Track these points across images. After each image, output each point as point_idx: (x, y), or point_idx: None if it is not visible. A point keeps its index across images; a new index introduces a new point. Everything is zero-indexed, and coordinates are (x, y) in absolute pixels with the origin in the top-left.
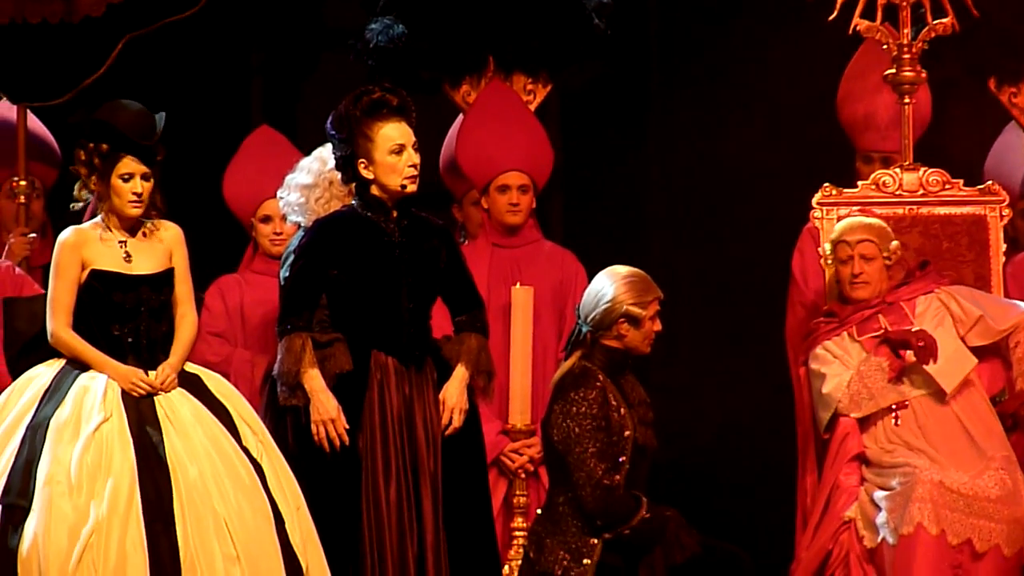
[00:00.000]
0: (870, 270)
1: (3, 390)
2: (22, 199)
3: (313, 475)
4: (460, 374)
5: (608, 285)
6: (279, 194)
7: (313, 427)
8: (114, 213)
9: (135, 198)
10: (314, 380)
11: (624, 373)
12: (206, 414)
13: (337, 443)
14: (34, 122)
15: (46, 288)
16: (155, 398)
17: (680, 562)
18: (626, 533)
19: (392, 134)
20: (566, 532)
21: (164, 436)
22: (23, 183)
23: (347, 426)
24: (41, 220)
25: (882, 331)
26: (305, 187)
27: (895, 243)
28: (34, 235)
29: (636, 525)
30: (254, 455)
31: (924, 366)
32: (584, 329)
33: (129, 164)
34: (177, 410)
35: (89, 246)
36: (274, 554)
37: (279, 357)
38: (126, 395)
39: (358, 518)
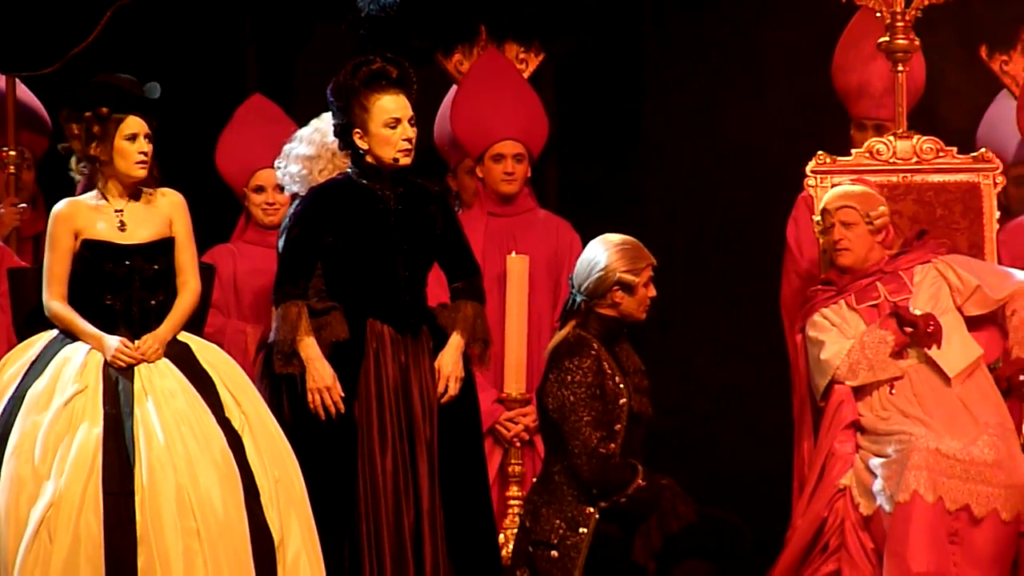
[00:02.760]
0: (852, 236)
1: None
2: (12, 169)
3: (309, 444)
4: (455, 342)
5: (601, 253)
6: (276, 164)
7: (309, 395)
8: (117, 179)
9: (142, 158)
10: (310, 348)
11: (619, 341)
12: (187, 386)
13: (333, 411)
14: (24, 92)
15: (39, 260)
16: (136, 369)
17: (676, 531)
18: (622, 502)
19: (388, 107)
20: (562, 501)
21: (136, 406)
22: (12, 153)
23: (343, 394)
24: (32, 191)
25: (881, 299)
26: (307, 158)
27: (880, 208)
28: (24, 205)
29: (632, 493)
30: (235, 427)
31: (927, 351)
32: (578, 298)
33: (133, 124)
34: (156, 381)
35: (82, 216)
36: (239, 527)
37: (275, 325)
38: (107, 366)
39: (354, 487)
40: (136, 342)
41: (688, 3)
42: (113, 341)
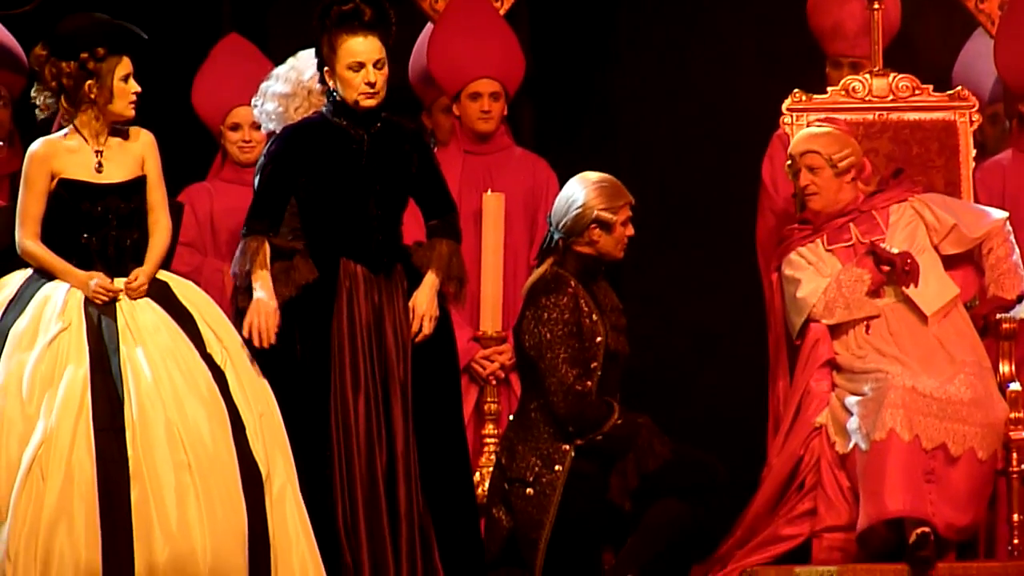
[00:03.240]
0: (819, 181)
1: None
2: None
3: (281, 383)
4: (430, 281)
5: (579, 191)
6: (253, 102)
7: (245, 322)
8: (103, 118)
9: (134, 98)
10: (261, 280)
11: (597, 279)
12: (169, 322)
13: (265, 343)
14: None
15: (14, 198)
16: (117, 305)
17: (652, 469)
18: (598, 439)
19: (355, 49)
20: (538, 439)
21: (122, 343)
22: None
23: (276, 330)
24: (7, 128)
25: (854, 241)
26: (283, 96)
27: (845, 151)
28: (1, 143)
29: (608, 431)
30: (217, 362)
31: (904, 289)
32: (556, 236)
33: (127, 64)
34: (138, 318)
35: (59, 157)
36: (229, 461)
37: (234, 258)
38: (88, 304)
39: (327, 427)
40: (118, 280)
41: None
42: (88, 276)
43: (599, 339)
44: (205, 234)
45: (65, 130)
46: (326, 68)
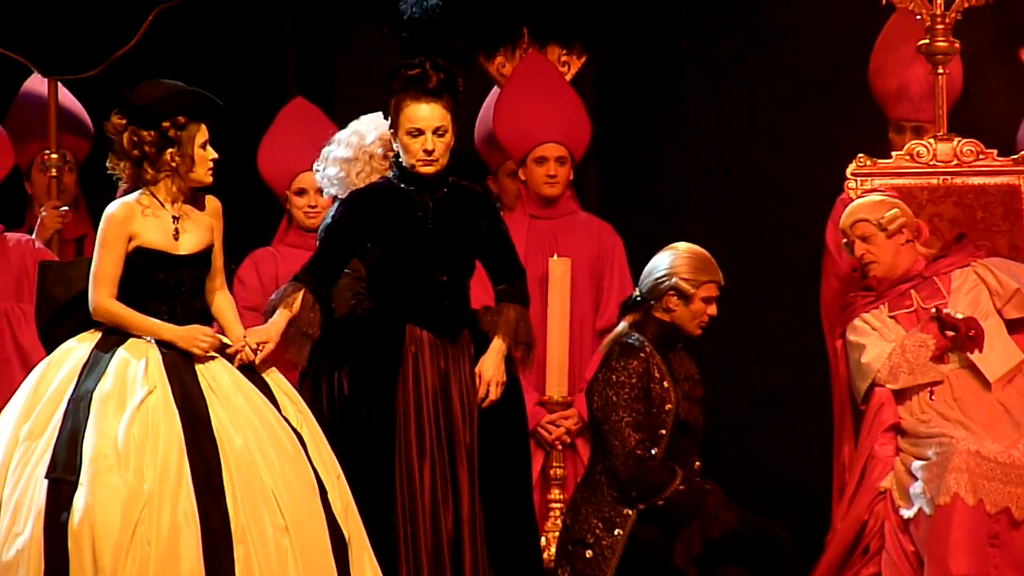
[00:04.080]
0: (873, 248)
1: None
2: (54, 172)
3: (347, 448)
4: (497, 346)
5: (667, 257)
6: (315, 167)
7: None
8: (182, 185)
9: (212, 164)
10: (279, 314)
11: (674, 348)
12: (246, 384)
13: (245, 355)
14: (65, 95)
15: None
16: (197, 368)
17: (717, 536)
18: (660, 504)
19: (416, 115)
20: (601, 501)
21: (209, 406)
22: (55, 156)
23: (265, 354)
24: (73, 193)
25: (915, 307)
26: (344, 161)
27: (891, 212)
28: (66, 208)
29: (670, 496)
30: (294, 424)
31: (968, 355)
32: (638, 296)
33: (205, 131)
34: (219, 379)
35: (137, 221)
36: (320, 523)
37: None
38: (169, 366)
39: (391, 493)
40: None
41: (725, 5)
42: (188, 330)
43: (668, 407)
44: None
45: (137, 193)
46: (392, 131)
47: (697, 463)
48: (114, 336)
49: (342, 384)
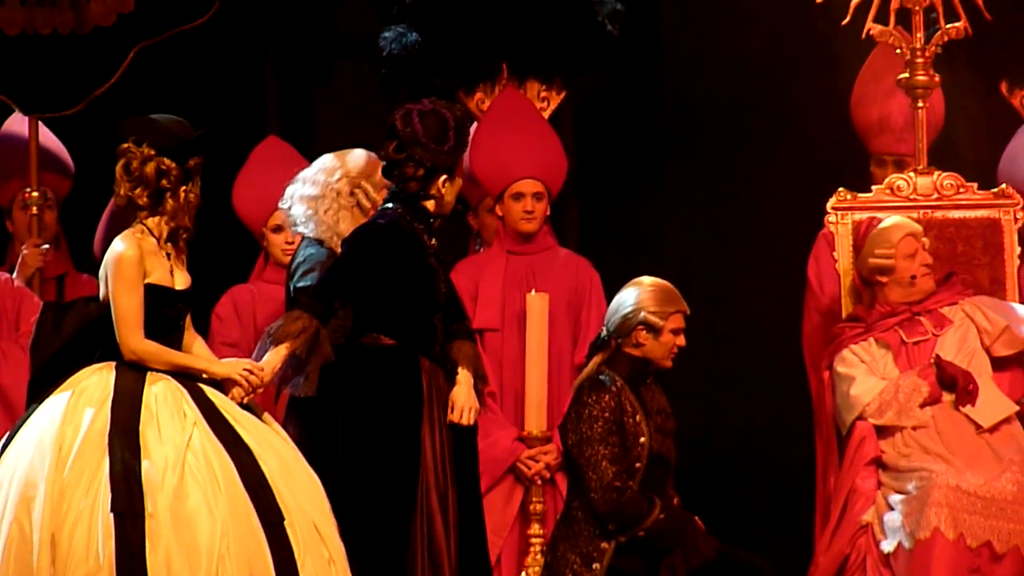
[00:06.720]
0: (928, 259)
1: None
2: (35, 210)
3: (369, 479)
4: (465, 376)
5: (633, 292)
6: (280, 205)
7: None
8: (179, 223)
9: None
10: (278, 350)
11: (645, 381)
12: (247, 412)
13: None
14: (46, 134)
15: (60, 300)
16: (211, 400)
17: (696, 565)
18: (640, 535)
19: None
20: (578, 536)
21: (242, 435)
22: (35, 194)
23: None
24: (54, 231)
25: (899, 344)
26: (311, 199)
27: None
28: (47, 246)
29: (650, 526)
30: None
31: (961, 407)
32: (606, 333)
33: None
34: (230, 409)
35: (148, 259)
36: (344, 557)
37: (279, 321)
38: (197, 399)
39: (410, 520)
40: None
41: (707, 42)
42: (233, 362)
43: (642, 440)
44: (248, 335)
45: (132, 228)
46: (443, 176)
47: (676, 498)
48: (129, 370)
49: (358, 414)
